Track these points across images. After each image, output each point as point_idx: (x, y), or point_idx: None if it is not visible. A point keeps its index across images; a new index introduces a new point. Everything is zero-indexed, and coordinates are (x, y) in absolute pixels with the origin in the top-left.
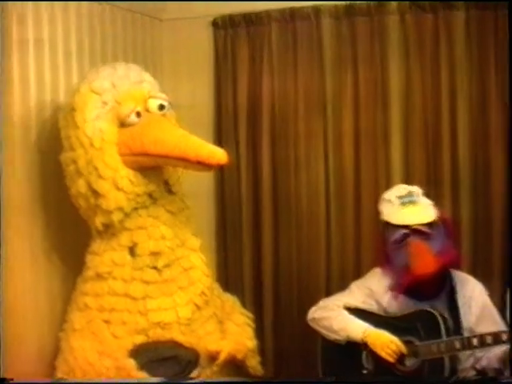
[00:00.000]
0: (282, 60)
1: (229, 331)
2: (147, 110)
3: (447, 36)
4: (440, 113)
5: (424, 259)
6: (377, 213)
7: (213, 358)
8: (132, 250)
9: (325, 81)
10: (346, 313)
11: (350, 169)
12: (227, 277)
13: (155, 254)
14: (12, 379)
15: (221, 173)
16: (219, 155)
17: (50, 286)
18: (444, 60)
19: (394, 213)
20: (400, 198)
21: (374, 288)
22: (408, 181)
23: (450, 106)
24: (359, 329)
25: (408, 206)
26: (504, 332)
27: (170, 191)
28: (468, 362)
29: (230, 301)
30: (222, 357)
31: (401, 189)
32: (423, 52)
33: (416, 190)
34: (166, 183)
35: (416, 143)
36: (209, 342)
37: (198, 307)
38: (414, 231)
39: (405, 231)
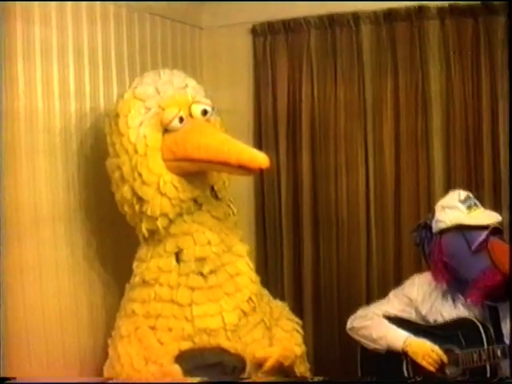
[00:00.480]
0: (322, 66)
1: (277, 337)
2: (191, 116)
3: (487, 40)
4: (481, 117)
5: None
6: (418, 218)
7: (260, 364)
8: (178, 256)
9: (364, 87)
10: (385, 321)
11: (391, 175)
12: (267, 285)
13: (201, 260)
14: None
15: (261, 180)
16: (261, 159)
17: (91, 293)
18: (484, 64)
19: (465, 216)
20: (463, 202)
21: (412, 296)
22: (450, 186)
23: (491, 111)
24: (399, 338)
25: (475, 209)
26: None
27: (215, 197)
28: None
29: (279, 307)
30: (269, 363)
31: (458, 194)
32: (463, 57)
33: (470, 194)
34: (212, 189)
35: (457, 148)
36: (256, 349)
37: (245, 313)
38: (493, 231)
39: (486, 232)
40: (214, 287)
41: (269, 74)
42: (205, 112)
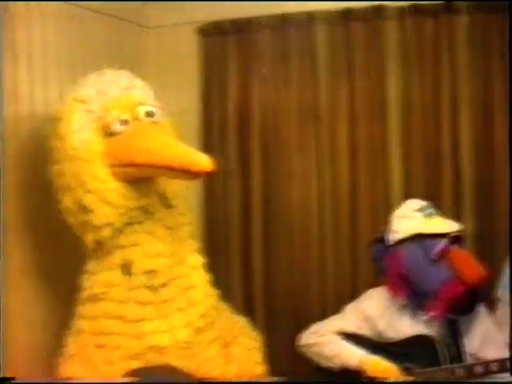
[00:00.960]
0: (274, 68)
1: (235, 356)
2: (137, 118)
3: (449, 41)
4: (441, 124)
5: (473, 266)
6: (375, 230)
7: None
8: (127, 269)
9: (319, 90)
10: (339, 338)
11: (346, 184)
12: None
13: (151, 273)
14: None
15: (209, 187)
16: (204, 162)
17: (43, 305)
18: (446, 67)
19: (423, 225)
20: (419, 210)
21: (369, 312)
22: (408, 196)
23: (452, 117)
24: (354, 356)
25: (434, 217)
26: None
27: (167, 205)
28: None
29: (240, 323)
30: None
31: (414, 203)
32: (423, 59)
33: (428, 203)
34: (163, 196)
35: (416, 156)
36: (211, 368)
37: (199, 330)
38: (453, 239)
39: (445, 240)
40: (166, 302)
41: (218, 76)
42: (149, 114)
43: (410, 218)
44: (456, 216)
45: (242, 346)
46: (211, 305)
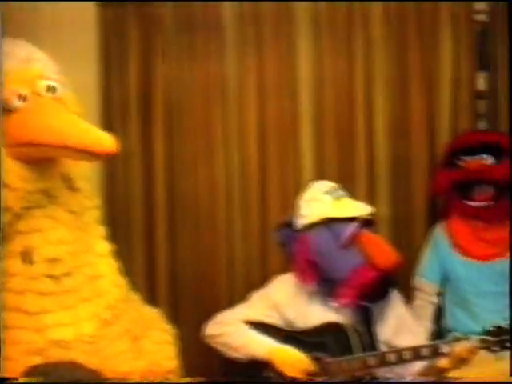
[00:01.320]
0: (178, 43)
1: (145, 350)
2: (37, 93)
3: (363, 16)
4: (355, 101)
5: (386, 251)
6: (285, 213)
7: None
8: (27, 257)
9: (226, 65)
10: (246, 328)
11: (256, 166)
12: None
13: (53, 261)
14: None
15: (109, 169)
16: (107, 143)
17: None
18: (359, 42)
19: (332, 208)
20: (328, 193)
21: (277, 299)
22: (320, 177)
23: (366, 94)
24: (263, 346)
25: (343, 200)
26: (424, 346)
27: (71, 188)
28: None
29: (152, 315)
30: (133, 380)
31: (322, 185)
32: (336, 34)
33: (336, 184)
34: (66, 178)
35: (328, 135)
36: (119, 363)
37: (106, 322)
38: (364, 223)
39: (355, 224)
40: (69, 292)
41: (118, 50)
42: (50, 88)
43: (319, 201)
44: (370, 198)
45: (153, 340)
46: (119, 295)
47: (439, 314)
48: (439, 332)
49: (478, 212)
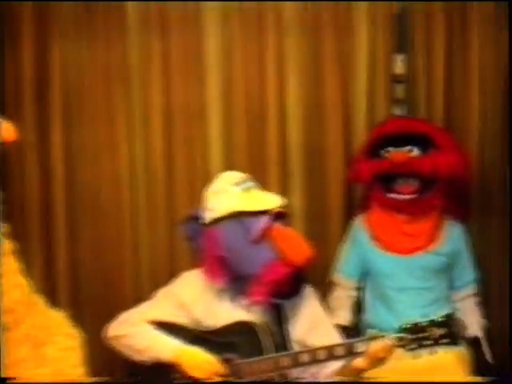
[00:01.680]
0: (75, 22)
1: (49, 357)
2: None
3: None
4: (267, 87)
5: (299, 245)
6: (193, 205)
7: None
8: None
9: (128, 47)
10: (150, 328)
11: (161, 155)
12: None
13: None
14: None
15: (1, 160)
16: (5, 130)
17: None
18: (271, 26)
19: (241, 201)
20: (237, 184)
21: (183, 297)
22: (229, 167)
23: (278, 79)
24: (168, 348)
25: (253, 191)
26: (339, 345)
27: None
28: None
29: (56, 319)
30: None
31: (230, 176)
32: (247, 17)
33: (245, 175)
34: None
35: (238, 122)
36: (19, 371)
37: (5, 328)
38: (276, 216)
39: (266, 218)
40: None
41: (11, 30)
42: None
43: (227, 194)
44: (282, 189)
45: (58, 347)
46: (19, 297)
47: (359, 309)
48: (359, 328)
49: (401, 205)
